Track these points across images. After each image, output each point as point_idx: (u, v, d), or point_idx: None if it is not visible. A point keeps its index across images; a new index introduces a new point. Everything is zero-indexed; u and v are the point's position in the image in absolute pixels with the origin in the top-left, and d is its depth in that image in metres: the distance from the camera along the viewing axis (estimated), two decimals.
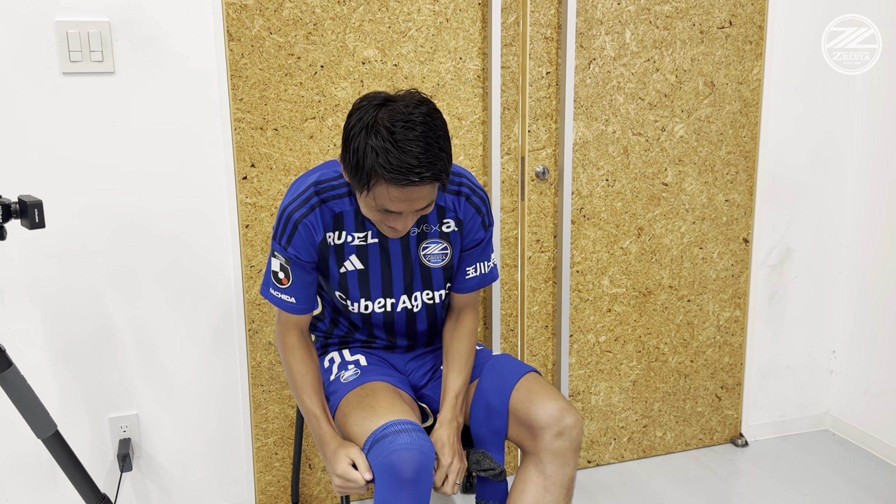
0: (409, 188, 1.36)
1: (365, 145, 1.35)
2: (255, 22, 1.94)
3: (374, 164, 1.34)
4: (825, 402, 2.76)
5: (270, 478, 2.22)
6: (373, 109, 1.37)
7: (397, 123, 1.34)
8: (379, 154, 1.33)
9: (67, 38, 1.81)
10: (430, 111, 1.39)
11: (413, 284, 1.67)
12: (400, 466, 1.39)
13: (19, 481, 2.01)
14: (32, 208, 1.44)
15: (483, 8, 2.10)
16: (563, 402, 1.57)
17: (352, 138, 1.38)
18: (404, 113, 1.35)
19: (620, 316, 2.43)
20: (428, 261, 1.65)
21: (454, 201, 1.63)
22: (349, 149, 1.39)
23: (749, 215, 2.50)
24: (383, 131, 1.34)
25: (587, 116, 2.25)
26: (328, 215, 1.56)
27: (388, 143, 1.33)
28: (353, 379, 1.65)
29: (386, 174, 1.34)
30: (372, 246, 1.61)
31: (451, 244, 1.66)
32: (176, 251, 2.01)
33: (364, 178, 1.37)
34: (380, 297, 1.66)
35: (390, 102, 1.39)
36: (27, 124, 1.84)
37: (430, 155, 1.35)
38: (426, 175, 1.35)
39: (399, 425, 1.45)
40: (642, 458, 2.56)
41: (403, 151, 1.33)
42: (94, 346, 2.00)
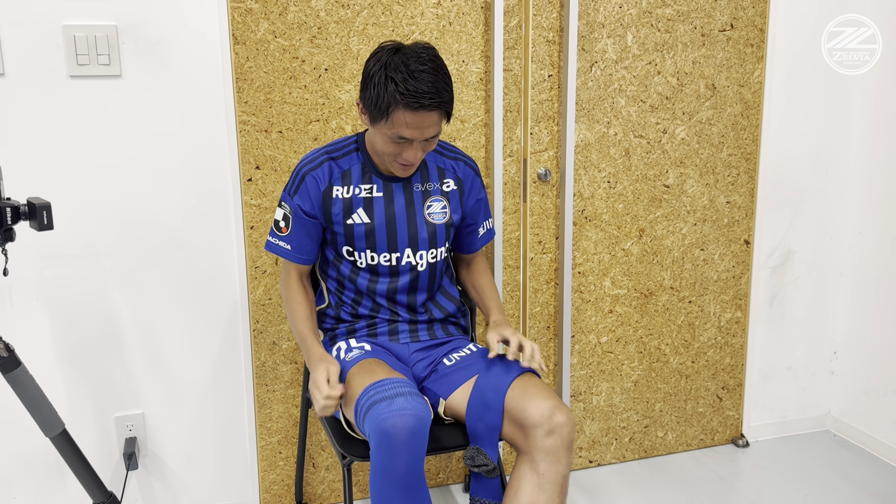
0: (421, 112, 1.57)
1: (385, 77, 1.56)
2: (260, 26, 1.97)
3: (394, 92, 1.55)
4: (826, 402, 2.77)
5: (274, 476, 2.24)
6: (388, 53, 1.60)
7: (411, 60, 1.57)
8: (398, 84, 1.55)
9: (75, 42, 1.84)
10: (436, 55, 1.62)
11: (418, 241, 1.80)
12: (394, 432, 1.44)
13: (27, 479, 2.03)
14: (41, 210, 1.46)
15: (485, 11, 2.12)
16: (554, 401, 1.60)
17: (372, 75, 1.59)
18: (416, 52, 1.59)
19: (622, 317, 2.44)
20: (432, 218, 1.81)
21: (453, 165, 1.85)
22: (369, 84, 1.60)
23: (750, 217, 2.51)
24: (400, 65, 1.56)
25: (589, 119, 2.26)
26: (336, 171, 1.76)
27: (404, 74, 1.55)
28: (357, 357, 1.72)
29: (402, 99, 1.55)
30: (378, 199, 1.77)
31: (449, 202, 1.83)
32: (181, 252, 2.03)
33: (383, 107, 1.57)
34: (385, 251, 1.79)
35: (402, 48, 1.61)
36: (35, 126, 1.86)
37: (439, 85, 1.57)
38: (436, 100, 1.57)
39: (397, 386, 1.52)
40: (643, 459, 2.58)
41: (417, 80, 1.55)
42: (101, 346, 2.03)
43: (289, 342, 2.16)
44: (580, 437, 2.48)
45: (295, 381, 2.19)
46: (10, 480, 2.02)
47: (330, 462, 2.28)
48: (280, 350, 2.16)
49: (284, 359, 2.17)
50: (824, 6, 2.43)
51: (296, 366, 2.18)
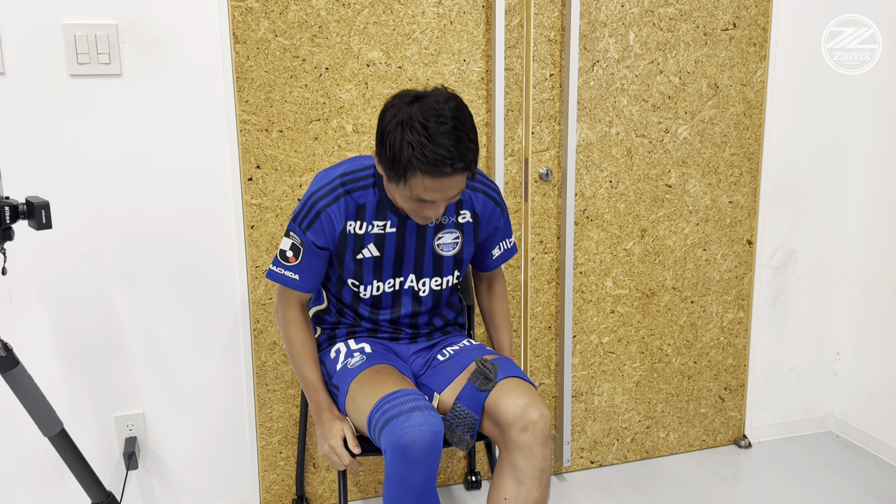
0: (442, 179, 1.45)
1: (401, 140, 1.44)
2: (261, 24, 1.96)
3: (411, 157, 1.43)
4: (829, 403, 2.76)
5: (275, 476, 2.24)
6: (406, 106, 1.47)
7: (430, 119, 1.43)
8: (414, 148, 1.42)
9: (75, 41, 1.83)
10: (459, 105, 1.48)
11: (423, 270, 1.76)
12: (412, 448, 1.47)
13: (27, 478, 2.03)
14: (40, 209, 1.45)
15: (487, 10, 2.11)
16: (528, 398, 1.60)
17: (387, 134, 1.47)
18: (435, 108, 1.44)
19: (623, 317, 2.44)
20: (441, 250, 1.75)
21: (471, 196, 1.75)
22: (385, 143, 1.48)
23: (753, 217, 2.50)
24: (417, 126, 1.43)
25: (591, 118, 2.26)
26: (351, 206, 1.66)
27: (422, 138, 1.42)
28: (360, 364, 1.71)
29: (422, 166, 1.43)
30: (389, 235, 1.70)
31: (463, 234, 1.76)
32: (182, 252, 2.03)
33: (401, 171, 1.46)
34: (390, 277, 1.75)
35: (421, 99, 1.48)
36: (35, 125, 1.86)
37: (461, 147, 1.44)
38: (458, 166, 1.45)
39: (412, 400, 1.53)
40: (645, 459, 2.57)
41: (437, 144, 1.42)
42: (101, 346, 2.02)
43: None
44: (581, 437, 2.48)
45: (295, 382, 2.19)
46: (10, 479, 2.02)
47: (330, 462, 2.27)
48: (280, 350, 2.15)
49: (285, 359, 2.17)
50: (827, 5, 2.41)
51: None
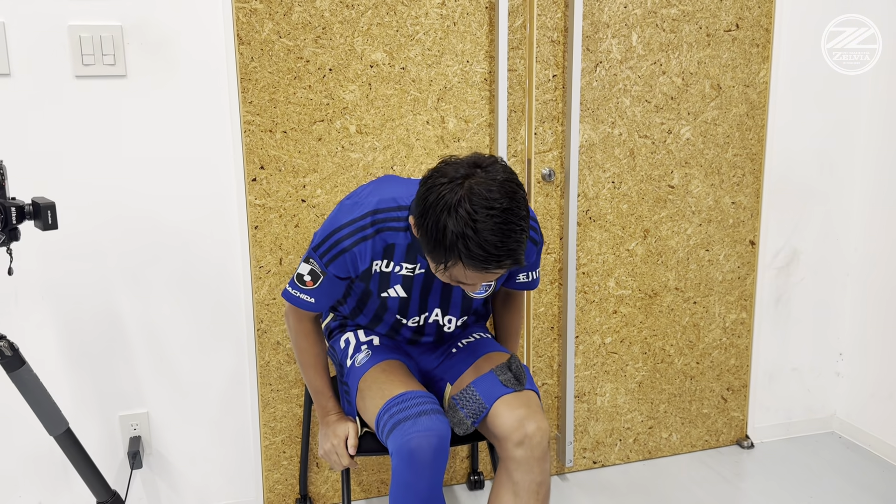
0: (485, 273, 1.38)
1: (445, 227, 1.34)
2: (265, 26, 1.97)
3: (454, 245, 1.34)
4: (832, 404, 2.76)
5: (278, 476, 2.25)
6: (456, 187, 1.35)
7: (479, 210, 1.32)
8: (458, 238, 1.33)
9: (80, 42, 1.84)
10: (512, 190, 1.37)
11: (449, 307, 1.73)
12: (419, 453, 1.48)
13: (32, 477, 2.04)
14: (46, 210, 1.46)
15: (490, 12, 2.12)
16: (525, 410, 1.57)
17: (429, 211, 1.37)
18: (486, 197, 1.33)
19: (626, 317, 2.44)
20: (472, 292, 1.69)
21: None
22: (428, 221, 1.37)
23: (755, 217, 2.51)
24: (465, 216, 1.32)
25: (593, 119, 2.26)
26: (379, 245, 1.58)
27: (469, 230, 1.32)
28: (366, 361, 1.71)
29: (465, 259, 1.35)
30: (418, 276, 1.64)
31: (498, 280, 1.73)
32: (186, 252, 2.04)
33: (442, 256, 1.38)
34: (415, 315, 1.74)
35: (472, 177, 1.36)
36: (41, 126, 1.87)
37: (511, 242, 1.35)
38: (505, 262, 1.36)
39: (421, 403, 1.53)
40: (648, 460, 2.57)
41: (484, 240, 1.32)
42: (106, 345, 2.03)
43: None
44: (584, 437, 2.48)
45: (299, 381, 2.19)
46: (16, 478, 2.03)
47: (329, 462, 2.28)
48: (284, 350, 2.16)
49: (288, 358, 2.17)
50: (829, 6, 2.42)
51: None
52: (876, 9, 2.43)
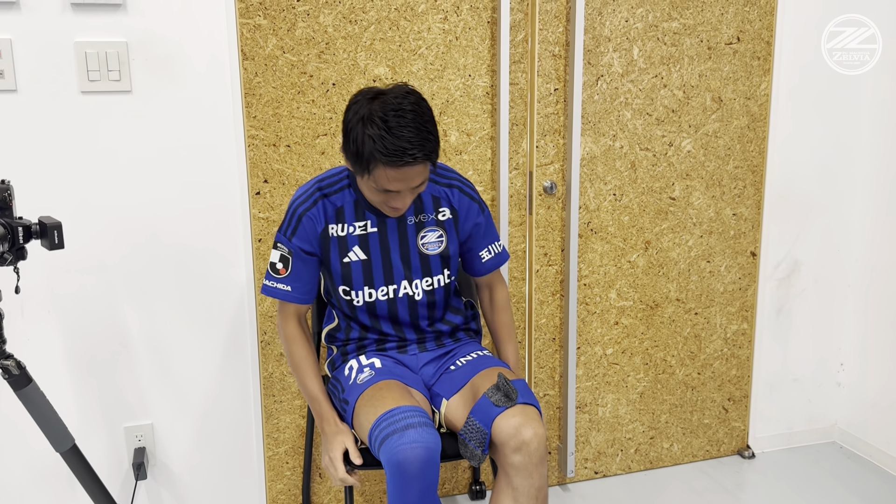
0: (404, 168, 1.51)
1: (363, 135, 1.50)
2: (269, 41, 1.98)
3: (372, 150, 1.49)
4: (833, 414, 2.77)
5: (281, 486, 2.26)
6: (367, 102, 1.53)
7: (389, 112, 1.50)
8: (376, 141, 1.49)
9: (86, 58, 1.86)
10: (418, 100, 1.55)
11: (412, 271, 1.78)
12: (406, 465, 1.50)
13: (38, 491, 2.05)
14: (52, 230, 1.47)
15: (492, 26, 2.13)
16: (522, 417, 1.59)
17: (350, 130, 1.54)
18: (395, 103, 1.51)
19: (628, 329, 2.45)
20: (426, 249, 1.78)
21: (447, 192, 1.78)
22: (349, 139, 1.54)
23: (757, 229, 2.52)
24: (378, 120, 1.49)
25: (595, 132, 2.27)
26: (330, 209, 1.72)
27: (382, 131, 1.48)
28: (367, 380, 1.73)
29: (383, 158, 1.49)
30: (372, 235, 1.74)
31: (446, 231, 1.78)
32: (190, 265, 2.05)
33: (364, 164, 1.52)
34: (382, 284, 1.77)
35: (381, 95, 1.54)
36: (47, 141, 1.89)
37: (421, 137, 1.50)
38: (418, 155, 1.50)
39: (407, 417, 1.55)
40: (649, 470, 2.58)
41: (397, 137, 1.48)
42: (111, 358, 2.05)
43: None
44: (586, 448, 2.49)
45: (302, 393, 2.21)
46: (22, 491, 2.04)
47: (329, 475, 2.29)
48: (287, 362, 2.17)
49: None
50: (831, 20, 2.42)
51: None
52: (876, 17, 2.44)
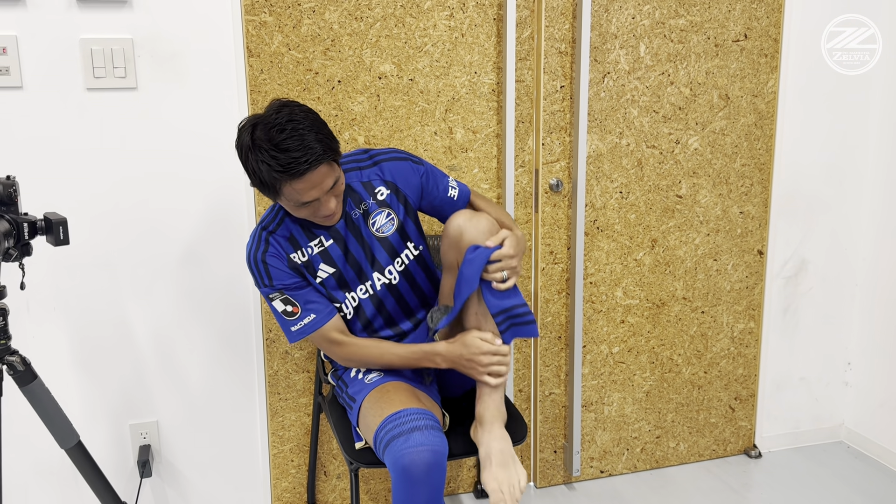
0: (306, 176, 1.53)
1: (257, 162, 1.53)
2: (275, 38, 1.98)
3: (270, 172, 1.52)
4: (840, 413, 2.76)
5: (286, 484, 2.26)
6: (248, 132, 1.56)
7: (270, 132, 1.52)
8: (270, 164, 1.51)
9: (92, 55, 1.86)
10: (291, 111, 1.56)
11: (379, 260, 1.78)
12: (412, 468, 1.49)
13: (43, 487, 2.06)
14: (57, 226, 1.47)
15: (498, 23, 2.13)
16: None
17: (246, 163, 1.57)
18: (271, 121, 1.53)
19: (634, 327, 2.44)
20: (381, 232, 1.78)
21: (375, 172, 1.79)
22: (249, 172, 1.57)
23: (764, 227, 2.50)
24: (262, 144, 1.52)
25: (601, 129, 2.26)
26: (283, 241, 1.72)
27: (270, 152, 1.51)
28: (376, 380, 1.74)
29: (282, 176, 1.52)
30: (331, 247, 1.74)
31: (392, 208, 1.78)
32: (196, 262, 2.05)
33: (271, 188, 1.56)
34: (359, 284, 1.77)
35: (256, 120, 1.56)
36: (52, 138, 1.89)
37: (305, 144, 1.51)
38: (311, 160, 1.52)
39: (414, 420, 1.54)
40: (655, 469, 2.57)
41: (284, 151, 1.50)
42: (116, 355, 2.05)
43: (301, 351, 2.18)
44: (591, 447, 2.48)
45: (307, 390, 2.20)
46: (27, 488, 2.05)
47: (341, 470, 2.29)
48: (293, 359, 2.17)
49: (297, 368, 2.18)
50: (837, 16, 2.41)
51: (308, 374, 2.20)
52: (884, 19, 2.43)
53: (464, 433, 1.78)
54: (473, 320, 1.72)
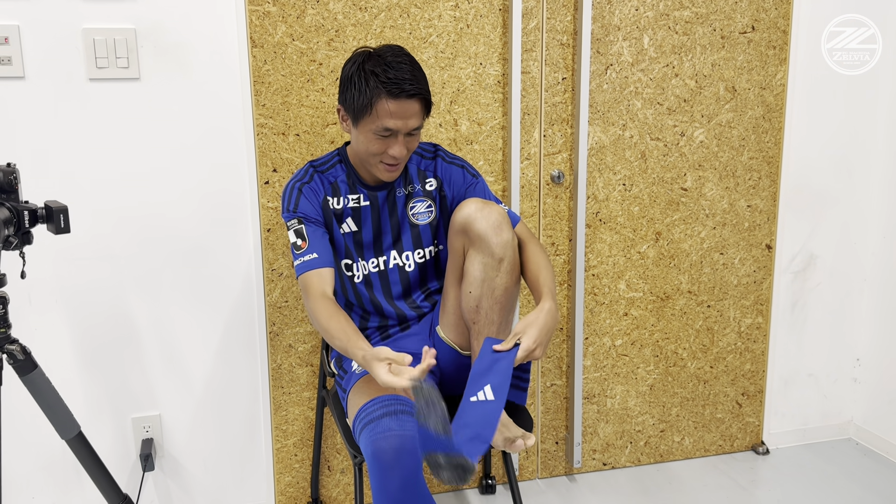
0: (403, 100, 1.61)
1: (365, 72, 1.62)
2: (278, 29, 1.97)
3: (376, 84, 1.60)
4: (849, 410, 2.73)
5: (290, 479, 2.25)
6: (363, 55, 1.66)
7: (387, 54, 1.63)
8: (378, 75, 1.60)
9: (94, 45, 1.86)
10: (408, 52, 1.68)
11: (402, 242, 1.82)
12: (380, 454, 1.47)
13: (45, 480, 2.05)
14: (58, 213, 1.47)
15: (504, 14, 2.11)
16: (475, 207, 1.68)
17: (351, 76, 1.65)
18: (390, 49, 1.65)
19: (637, 320, 2.42)
20: (416, 219, 1.82)
21: (431, 164, 1.86)
22: (350, 85, 1.65)
23: (772, 221, 2.48)
24: (377, 59, 1.62)
25: (604, 121, 2.25)
26: (326, 183, 1.79)
27: (383, 66, 1.61)
28: (362, 371, 1.73)
29: (385, 87, 1.59)
30: (364, 208, 1.80)
31: (434, 202, 1.84)
32: (199, 254, 2.05)
33: (366, 101, 1.62)
34: (372, 256, 1.81)
35: (375, 49, 1.67)
36: (54, 129, 1.89)
37: (418, 75, 1.64)
38: (416, 87, 1.61)
39: (385, 406, 1.54)
40: (660, 463, 2.55)
41: (396, 70, 1.60)
42: (118, 348, 2.05)
43: (304, 345, 2.17)
44: (594, 439, 2.47)
45: (311, 384, 2.20)
46: (29, 480, 2.04)
47: (345, 465, 2.28)
48: (296, 353, 2.17)
49: (300, 361, 2.18)
50: (846, 8, 2.39)
51: (311, 368, 2.19)
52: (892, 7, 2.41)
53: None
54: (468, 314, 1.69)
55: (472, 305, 1.70)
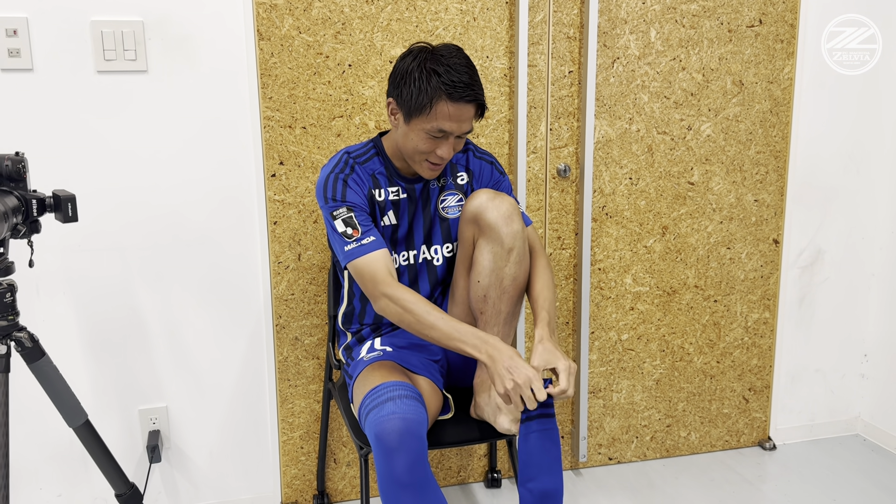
0: (461, 104, 1.59)
1: (426, 72, 1.59)
2: (285, 21, 1.98)
3: (438, 84, 1.58)
4: (856, 406, 2.72)
5: (296, 471, 2.25)
6: (423, 51, 1.64)
7: (448, 56, 1.61)
8: (441, 76, 1.58)
9: (102, 38, 1.87)
10: (466, 54, 1.66)
11: (432, 236, 1.82)
12: (383, 437, 1.46)
13: (52, 469, 2.06)
14: (66, 202, 1.48)
15: (510, 7, 2.11)
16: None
17: (410, 72, 1.61)
18: (449, 51, 1.63)
19: (643, 314, 2.42)
20: (446, 213, 1.83)
21: (463, 158, 1.86)
22: (408, 80, 1.61)
23: (779, 216, 2.47)
24: (440, 60, 1.60)
25: (610, 115, 2.24)
26: (366, 174, 1.76)
27: (446, 67, 1.59)
28: (370, 359, 1.72)
29: (446, 90, 1.58)
30: (403, 201, 1.79)
31: (465, 196, 1.84)
32: (206, 247, 2.05)
33: (427, 99, 1.59)
34: (403, 250, 1.80)
35: (435, 47, 1.65)
36: (62, 121, 1.90)
37: (477, 79, 1.63)
38: (477, 92, 1.61)
39: (389, 391, 1.53)
40: (666, 458, 2.55)
41: (459, 73, 1.59)
42: (125, 340, 2.05)
43: (311, 337, 2.17)
44: (599, 433, 2.46)
45: (317, 377, 2.20)
46: (37, 469, 2.05)
47: (351, 458, 2.29)
48: (302, 345, 2.17)
49: (307, 354, 2.18)
50: (855, 2, 2.38)
51: (318, 361, 2.19)
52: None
53: (472, 420, 1.76)
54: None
55: (480, 295, 1.70)
